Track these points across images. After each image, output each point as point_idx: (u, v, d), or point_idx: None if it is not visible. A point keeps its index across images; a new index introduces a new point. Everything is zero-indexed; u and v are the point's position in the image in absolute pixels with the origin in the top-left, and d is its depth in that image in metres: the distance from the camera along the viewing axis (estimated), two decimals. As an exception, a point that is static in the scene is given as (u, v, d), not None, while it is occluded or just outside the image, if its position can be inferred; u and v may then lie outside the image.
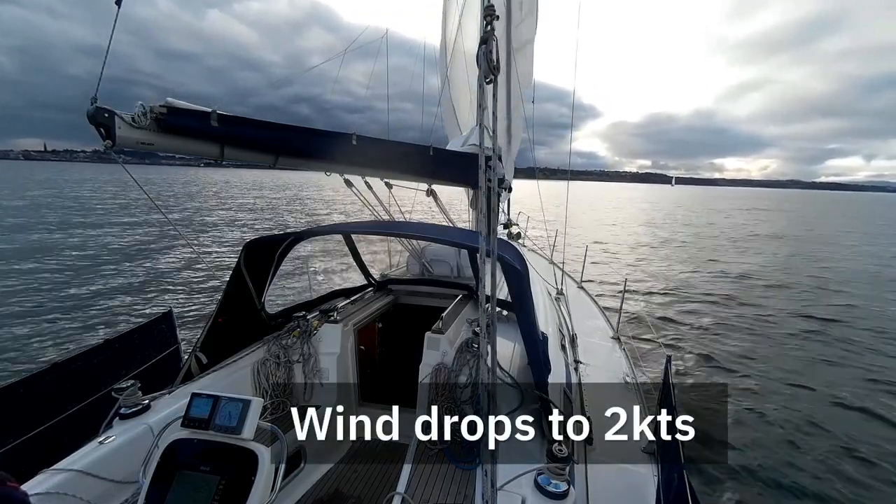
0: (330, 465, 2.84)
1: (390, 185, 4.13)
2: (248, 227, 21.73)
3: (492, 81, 1.18)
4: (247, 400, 1.54)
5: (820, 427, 5.15)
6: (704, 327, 8.76)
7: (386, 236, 5.12)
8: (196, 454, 1.48)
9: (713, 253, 18.41)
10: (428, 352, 2.63)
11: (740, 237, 24.93)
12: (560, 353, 3.14)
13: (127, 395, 2.05)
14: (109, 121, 1.73)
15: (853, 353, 7.52)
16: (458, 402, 2.43)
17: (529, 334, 2.06)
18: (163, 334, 3.47)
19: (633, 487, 2.33)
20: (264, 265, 2.97)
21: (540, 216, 6.24)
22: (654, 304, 10.46)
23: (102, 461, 1.77)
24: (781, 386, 6.21)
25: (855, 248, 21.62)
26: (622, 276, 8.83)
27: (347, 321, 3.20)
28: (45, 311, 9.16)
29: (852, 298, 11.18)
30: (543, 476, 1.58)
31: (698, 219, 38.42)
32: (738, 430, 5.05)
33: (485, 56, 1.14)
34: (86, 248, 16.41)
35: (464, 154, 3.65)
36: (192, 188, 55.91)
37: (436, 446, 2.25)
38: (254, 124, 2.26)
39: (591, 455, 2.40)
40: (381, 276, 4.68)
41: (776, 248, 20.49)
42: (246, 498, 1.38)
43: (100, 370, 2.83)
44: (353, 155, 2.76)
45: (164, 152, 2.04)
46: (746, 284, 12.64)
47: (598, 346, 4.33)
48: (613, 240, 22.03)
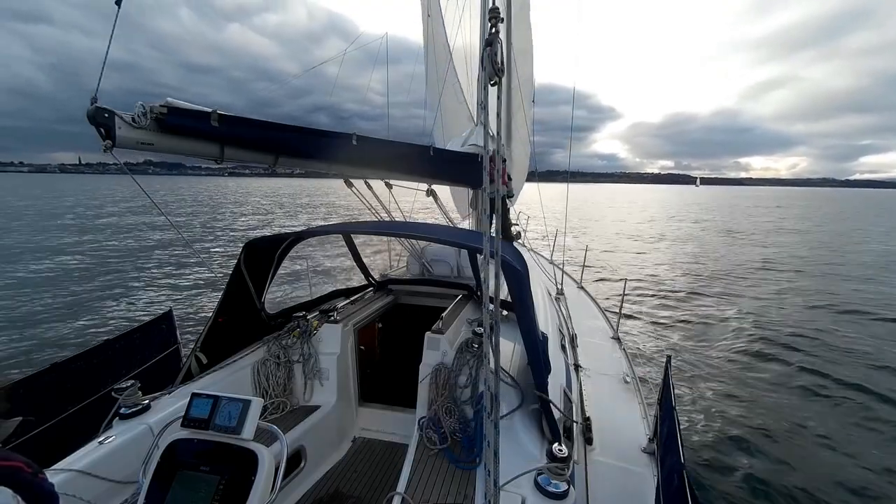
0: (330, 465, 2.84)
1: (390, 186, 4.13)
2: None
3: (496, 83, 1.18)
4: (247, 400, 1.53)
5: (819, 424, 5.16)
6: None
7: (386, 236, 5.12)
8: (196, 454, 1.48)
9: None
10: (428, 352, 2.63)
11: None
12: (560, 353, 3.14)
13: (127, 395, 2.05)
14: (109, 121, 1.72)
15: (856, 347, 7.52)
16: (458, 402, 2.43)
17: (529, 334, 2.06)
18: (163, 334, 3.47)
19: (633, 487, 2.33)
20: (264, 265, 2.97)
21: (542, 217, 6.26)
22: (655, 304, 10.47)
23: (102, 461, 1.77)
24: (782, 385, 6.22)
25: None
26: (621, 277, 8.83)
27: (347, 321, 3.20)
28: (45, 311, 9.17)
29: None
30: (543, 476, 1.58)
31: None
32: (738, 431, 5.05)
33: (489, 58, 1.13)
34: (88, 250, 16.42)
35: (464, 154, 3.66)
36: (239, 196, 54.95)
37: (436, 446, 2.25)
38: (254, 124, 2.26)
39: (591, 455, 2.41)
40: (381, 276, 4.68)
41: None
42: (246, 498, 1.38)
43: (100, 370, 2.83)
44: (354, 155, 2.75)
45: (164, 152, 2.03)
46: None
47: (598, 346, 4.33)
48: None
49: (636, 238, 22.68)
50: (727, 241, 21.92)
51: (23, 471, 0.77)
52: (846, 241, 21.86)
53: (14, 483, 0.72)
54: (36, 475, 0.79)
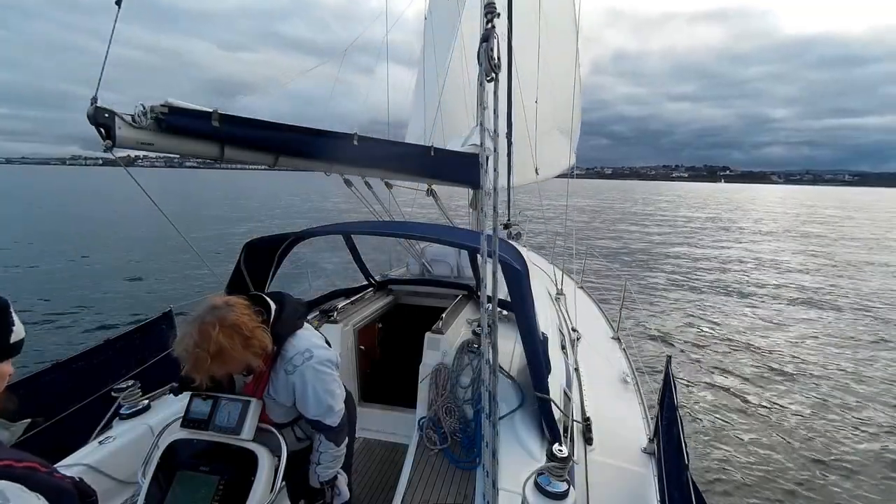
0: None
1: (390, 185, 4.13)
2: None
3: (493, 80, 1.18)
4: (246, 400, 1.53)
5: (819, 421, 5.15)
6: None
7: (386, 236, 5.12)
8: (196, 454, 1.48)
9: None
10: (428, 352, 2.63)
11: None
12: (560, 353, 3.14)
13: (127, 395, 2.05)
14: (110, 121, 1.72)
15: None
16: (458, 403, 2.43)
17: (529, 334, 2.05)
18: (163, 334, 3.46)
19: (633, 487, 2.33)
20: (264, 265, 2.96)
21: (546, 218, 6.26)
22: (654, 304, 10.47)
23: (102, 461, 1.77)
24: (781, 385, 6.22)
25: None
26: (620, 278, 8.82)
27: (347, 321, 3.20)
28: (45, 311, 9.18)
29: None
30: (543, 476, 1.58)
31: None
32: (739, 430, 5.05)
33: (486, 54, 1.13)
34: (89, 248, 16.44)
35: (465, 154, 3.65)
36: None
37: (436, 446, 2.25)
38: (254, 124, 2.26)
39: (591, 455, 2.40)
40: (381, 276, 4.67)
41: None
42: (246, 498, 1.37)
43: (100, 370, 2.82)
44: (355, 155, 2.75)
45: (164, 152, 2.03)
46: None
47: (598, 346, 4.32)
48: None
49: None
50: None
51: (38, 470, 0.76)
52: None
53: (32, 483, 0.72)
54: (52, 474, 0.79)
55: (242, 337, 1.35)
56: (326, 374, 1.58)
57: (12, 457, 0.73)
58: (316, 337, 1.67)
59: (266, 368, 1.55)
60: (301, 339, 1.60)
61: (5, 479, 0.68)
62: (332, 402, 1.58)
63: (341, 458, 1.68)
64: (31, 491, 0.70)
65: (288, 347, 1.56)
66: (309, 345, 1.59)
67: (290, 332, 1.59)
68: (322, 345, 1.65)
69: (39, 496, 0.70)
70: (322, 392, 1.56)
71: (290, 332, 1.59)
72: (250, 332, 1.38)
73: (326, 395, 1.56)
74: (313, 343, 1.61)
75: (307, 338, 1.62)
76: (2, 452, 0.74)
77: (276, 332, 1.54)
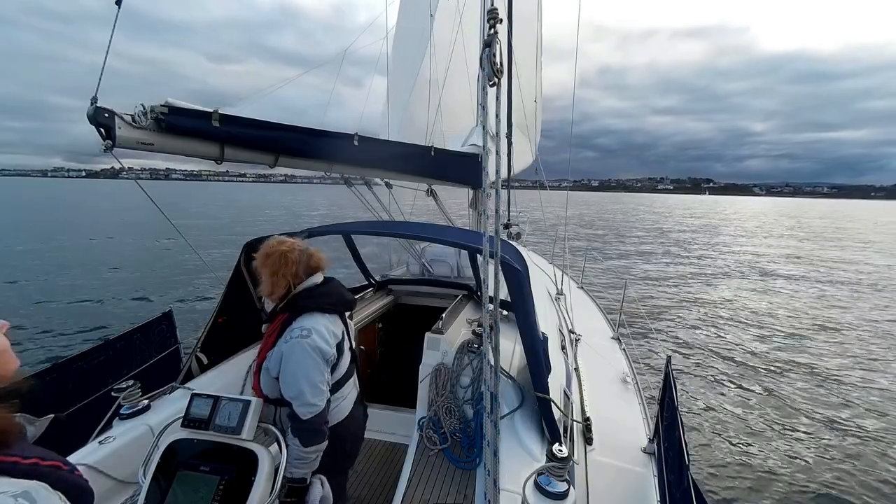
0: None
1: (391, 186, 4.13)
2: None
3: (495, 84, 1.18)
4: (247, 400, 1.53)
5: (821, 421, 5.15)
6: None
7: (386, 236, 5.12)
8: (196, 454, 1.48)
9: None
10: (428, 352, 2.63)
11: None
12: (560, 353, 3.14)
13: (127, 395, 2.04)
14: (110, 121, 1.72)
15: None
16: (458, 403, 2.43)
17: (529, 334, 2.05)
18: (163, 334, 3.46)
19: (633, 487, 2.33)
20: None
21: (548, 220, 6.26)
22: (654, 304, 10.47)
23: (102, 461, 1.77)
24: (782, 384, 6.22)
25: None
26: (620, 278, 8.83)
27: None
28: (44, 311, 9.17)
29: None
30: (543, 476, 1.58)
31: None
32: (739, 430, 5.05)
33: (488, 59, 1.14)
34: (91, 250, 16.44)
35: (465, 154, 3.66)
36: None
37: (436, 446, 2.25)
38: (255, 124, 2.25)
39: (590, 455, 2.40)
40: (381, 276, 4.68)
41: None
42: (246, 498, 1.37)
43: (100, 370, 2.82)
44: (355, 155, 2.76)
45: (164, 152, 2.03)
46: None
47: (598, 346, 4.33)
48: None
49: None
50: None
51: (61, 468, 0.76)
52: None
53: (54, 480, 0.71)
54: (73, 472, 0.79)
55: (279, 264, 1.65)
56: (310, 359, 1.56)
57: (39, 454, 0.74)
58: (327, 328, 1.66)
59: (276, 329, 1.65)
60: (310, 320, 1.62)
61: (33, 477, 0.68)
62: (305, 389, 1.53)
63: (308, 462, 1.57)
64: (54, 490, 0.70)
65: (298, 320, 1.62)
66: (313, 326, 1.60)
67: (309, 308, 1.64)
68: (327, 337, 1.63)
69: (62, 496, 0.70)
70: (300, 374, 1.53)
71: (309, 309, 1.64)
72: (284, 268, 1.65)
73: (303, 378, 1.53)
74: (318, 329, 1.61)
75: (318, 321, 1.64)
76: (29, 449, 0.74)
77: (298, 302, 1.65)
